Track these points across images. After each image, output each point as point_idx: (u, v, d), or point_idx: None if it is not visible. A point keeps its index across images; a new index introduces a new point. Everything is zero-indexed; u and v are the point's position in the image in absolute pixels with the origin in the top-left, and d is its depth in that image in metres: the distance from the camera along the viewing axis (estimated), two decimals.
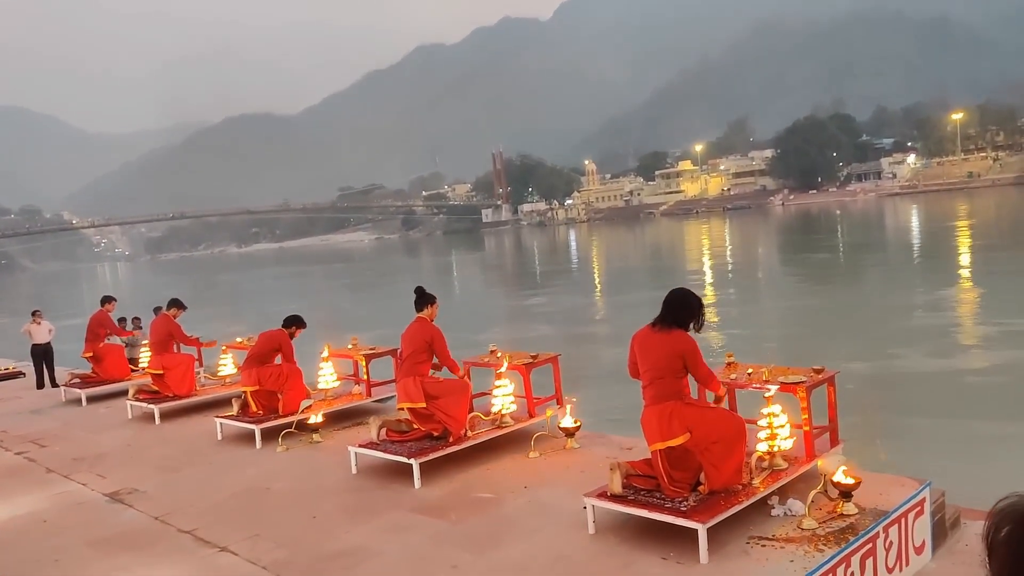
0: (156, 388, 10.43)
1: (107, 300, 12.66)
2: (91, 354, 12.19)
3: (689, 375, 5.01)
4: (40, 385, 13.30)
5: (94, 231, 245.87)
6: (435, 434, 6.88)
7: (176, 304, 11.00)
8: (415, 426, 7.02)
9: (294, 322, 8.93)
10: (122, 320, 13.78)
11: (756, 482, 5.00)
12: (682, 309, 4.97)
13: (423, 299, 7.29)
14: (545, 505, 5.69)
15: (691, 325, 5.00)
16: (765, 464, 5.22)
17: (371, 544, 5.32)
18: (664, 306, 5.00)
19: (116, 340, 13.16)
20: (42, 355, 13.38)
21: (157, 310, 13.76)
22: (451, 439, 6.84)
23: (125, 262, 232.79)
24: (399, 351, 7.62)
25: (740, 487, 4.90)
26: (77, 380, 12.17)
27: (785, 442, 5.35)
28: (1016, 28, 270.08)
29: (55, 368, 13.56)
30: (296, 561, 5.13)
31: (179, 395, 10.24)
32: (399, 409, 7.22)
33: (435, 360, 7.24)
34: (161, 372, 10.36)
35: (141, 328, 13.87)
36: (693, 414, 4.89)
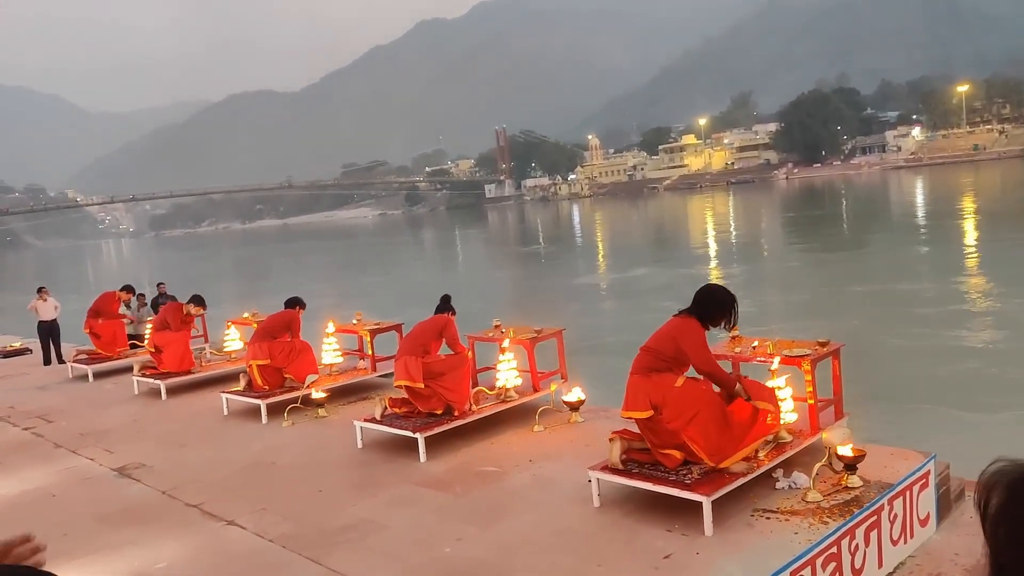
0: (156, 364, 10.48)
1: (127, 289, 13.00)
2: (88, 330, 12.29)
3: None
4: (47, 361, 13.37)
5: (98, 209, 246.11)
6: (437, 412, 6.87)
7: (197, 301, 10.80)
8: (417, 396, 7.01)
9: (297, 302, 9.11)
10: (126, 287, 13.75)
11: (761, 455, 5.01)
12: (705, 302, 4.95)
13: (446, 307, 7.37)
14: (549, 478, 5.71)
15: (714, 319, 4.93)
16: (769, 437, 5.22)
17: (377, 517, 5.35)
18: (694, 301, 5.01)
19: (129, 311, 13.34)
20: (48, 332, 13.45)
21: (159, 286, 13.83)
22: (456, 414, 6.85)
23: (129, 239, 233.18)
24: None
25: (745, 459, 4.88)
26: (84, 356, 12.23)
27: (789, 415, 5.35)
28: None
29: (61, 344, 13.63)
30: (302, 534, 5.17)
31: (176, 372, 10.25)
32: (396, 386, 7.20)
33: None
34: (155, 350, 10.40)
35: (146, 304, 13.91)
36: (657, 389, 4.84)
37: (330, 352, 9.26)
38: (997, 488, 1.03)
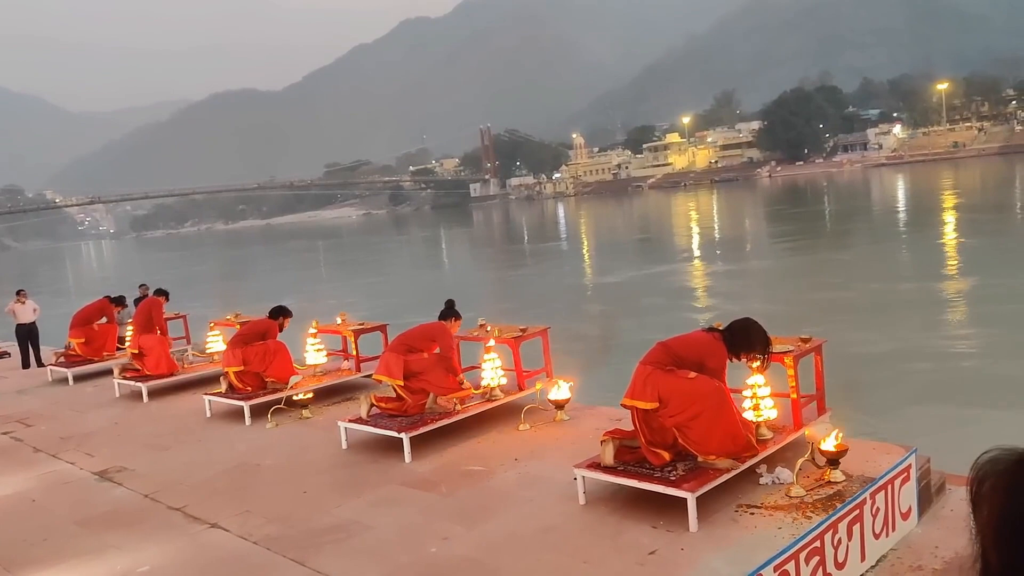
0: (137, 367, 10.39)
1: (118, 302, 12.93)
2: (83, 339, 12.14)
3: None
4: (26, 365, 13.21)
5: (78, 210, 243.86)
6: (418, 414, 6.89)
7: (161, 293, 11.18)
8: (404, 393, 7.04)
9: (281, 313, 8.95)
10: (117, 298, 13.68)
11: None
12: (742, 336, 5.01)
13: (449, 312, 7.40)
14: (535, 477, 5.72)
15: (740, 354, 5.01)
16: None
17: (362, 518, 5.33)
18: (728, 327, 5.07)
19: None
20: (27, 335, 13.29)
21: (141, 287, 13.73)
22: (455, 407, 6.92)
23: (110, 240, 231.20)
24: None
25: (743, 453, 4.92)
26: (63, 359, 12.08)
27: (770, 412, 5.38)
28: (1002, 3, 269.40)
29: (40, 347, 13.48)
30: (287, 536, 5.14)
31: (159, 375, 10.15)
32: (375, 380, 7.29)
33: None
34: (138, 352, 10.32)
35: (127, 306, 13.80)
36: (668, 383, 4.88)
37: (314, 352, 9.21)
38: (989, 475, 1.04)
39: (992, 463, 1.05)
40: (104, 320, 12.57)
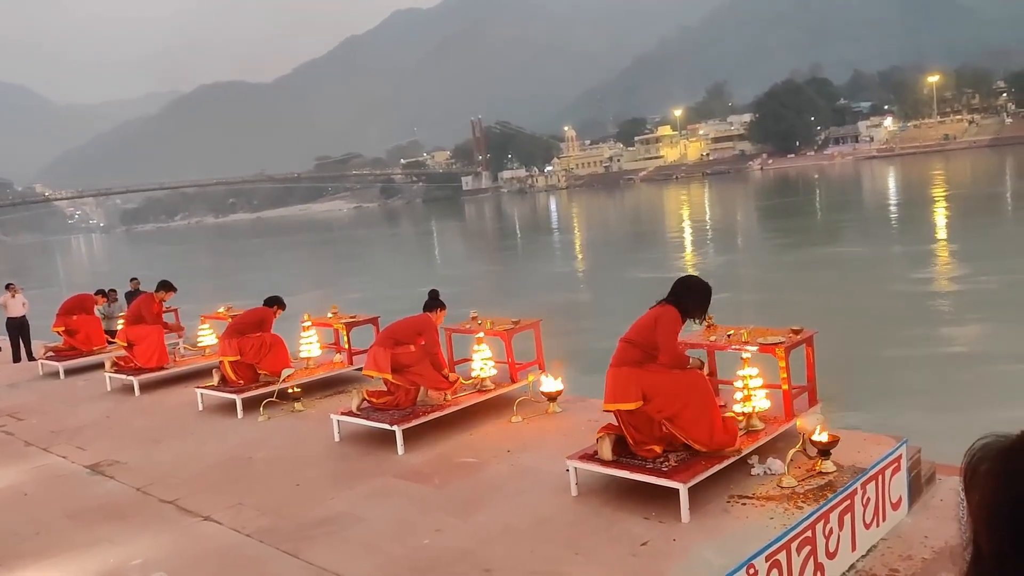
0: (129, 359, 10.32)
1: (101, 293, 12.88)
2: (62, 328, 12.08)
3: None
4: (16, 359, 13.16)
5: (68, 203, 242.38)
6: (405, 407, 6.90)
7: (165, 287, 10.61)
8: (395, 387, 7.04)
9: (276, 302, 8.95)
10: (100, 292, 13.66)
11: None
12: (683, 294, 5.03)
13: (434, 303, 7.30)
14: (528, 468, 5.73)
15: (691, 311, 5.02)
16: (742, 425, 5.27)
17: (355, 510, 5.34)
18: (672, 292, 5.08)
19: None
20: (17, 328, 13.24)
21: (132, 281, 13.69)
22: (445, 398, 6.96)
23: (100, 234, 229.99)
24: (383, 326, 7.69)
25: (731, 448, 4.95)
26: (52, 353, 12.02)
27: (761, 403, 5.40)
28: None
29: (31, 341, 13.43)
30: (280, 528, 5.14)
31: (150, 368, 10.09)
32: (364, 375, 7.29)
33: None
34: (127, 344, 10.25)
35: (117, 300, 13.76)
36: (650, 379, 4.90)
37: (307, 345, 9.19)
38: (984, 461, 1.04)
39: (985, 449, 1.05)
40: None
